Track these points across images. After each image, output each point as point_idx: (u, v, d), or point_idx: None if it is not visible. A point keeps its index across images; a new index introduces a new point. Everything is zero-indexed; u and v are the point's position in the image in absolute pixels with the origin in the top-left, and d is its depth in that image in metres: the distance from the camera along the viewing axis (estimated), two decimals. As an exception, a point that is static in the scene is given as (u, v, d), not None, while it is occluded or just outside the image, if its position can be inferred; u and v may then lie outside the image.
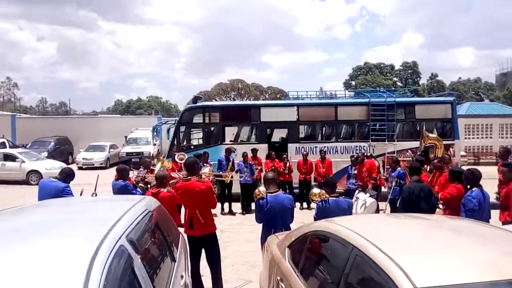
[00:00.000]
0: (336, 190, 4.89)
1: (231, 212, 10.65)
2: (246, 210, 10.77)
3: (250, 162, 10.79)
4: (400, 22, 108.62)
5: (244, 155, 10.74)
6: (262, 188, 5.10)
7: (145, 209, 2.93)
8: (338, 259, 2.58)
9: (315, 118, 12.70)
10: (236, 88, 61.82)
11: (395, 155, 12.03)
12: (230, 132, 13.22)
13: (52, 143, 22.69)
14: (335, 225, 2.88)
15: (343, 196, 4.89)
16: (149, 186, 6.54)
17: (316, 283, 2.77)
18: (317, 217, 4.67)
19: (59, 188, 5.26)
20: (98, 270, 1.71)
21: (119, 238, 2.11)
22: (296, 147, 12.25)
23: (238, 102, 15.14)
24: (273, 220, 4.56)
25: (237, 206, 10.79)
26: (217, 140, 12.44)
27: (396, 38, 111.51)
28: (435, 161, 7.14)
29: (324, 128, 12.97)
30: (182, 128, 12.47)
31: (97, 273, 1.69)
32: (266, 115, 12.43)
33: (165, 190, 5.15)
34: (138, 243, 2.33)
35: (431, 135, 10.96)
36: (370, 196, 8.67)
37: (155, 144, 23.54)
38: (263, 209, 4.55)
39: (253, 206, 11.15)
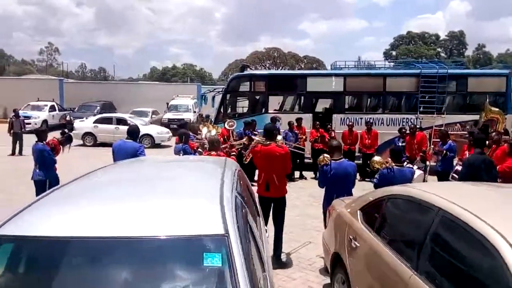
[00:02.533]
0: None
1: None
2: (289, 178, 11.04)
3: (295, 131, 10.96)
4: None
5: (291, 124, 10.91)
6: (327, 155, 5.34)
7: (235, 168, 3.20)
8: (420, 220, 2.75)
9: (362, 89, 12.57)
10: (271, 57, 61.22)
11: (443, 128, 11.84)
12: (275, 101, 13.35)
13: (98, 108, 23.64)
14: (415, 190, 3.03)
15: (408, 165, 5.00)
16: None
17: (394, 242, 2.96)
18: (379, 183, 4.83)
19: (135, 148, 5.62)
20: (229, 211, 1.99)
21: (232, 190, 2.38)
22: (341, 118, 12.25)
23: (284, 71, 15.25)
24: (336, 186, 4.76)
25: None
26: (262, 109, 12.62)
27: (442, 5, 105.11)
28: (493, 134, 7.03)
29: (370, 99, 12.83)
30: (229, 96, 12.71)
31: (230, 214, 1.97)
32: (312, 85, 12.42)
33: (215, 153, 5.40)
34: (243, 196, 2.60)
35: (493, 108, 10.49)
36: (418, 168, 8.71)
37: (195, 111, 24.07)
38: (326, 174, 4.75)
39: (296, 174, 11.48)
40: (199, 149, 6.61)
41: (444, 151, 8.24)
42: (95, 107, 23.64)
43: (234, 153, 6.18)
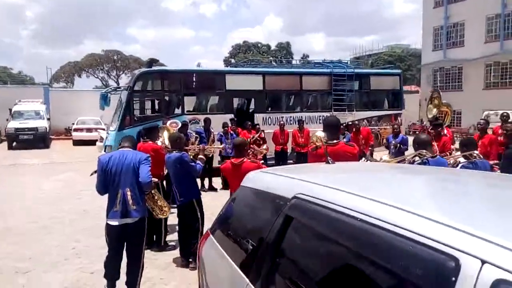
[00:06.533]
0: None
1: (211, 188, 9.57)
2: (227, 186, 9.79)
3: (231, 132, 9.81)
4: (263, 5, 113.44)
5: (225, 126, 9.72)
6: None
7: None
8: None
9: (281, 87, 12.20)
10: (111, 59, 56.26)
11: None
12: (191, 101, 11.76)
13: None
14: None
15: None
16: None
17: None
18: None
19: (138, 160, 3.83)
20: None
21: None
22: (263, 117, 11.63)
23: (201, 68, 13.74)
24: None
25: (217, 182, 9.70)
26: (176, 110, 10.93)
27: (259, 20, 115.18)
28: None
29: (288, 98, 12.59)
30: (136, 96, 10.53)
31: None
32: (232, 83, 11.39)
33: (249, 160, 4.56)
34: None
35: (444, 101, 10.11)
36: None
37: (49, 119, 19.80)
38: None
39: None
40: (200, 156, 5.26)
41: (398, 144, 8.49)
42: None
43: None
